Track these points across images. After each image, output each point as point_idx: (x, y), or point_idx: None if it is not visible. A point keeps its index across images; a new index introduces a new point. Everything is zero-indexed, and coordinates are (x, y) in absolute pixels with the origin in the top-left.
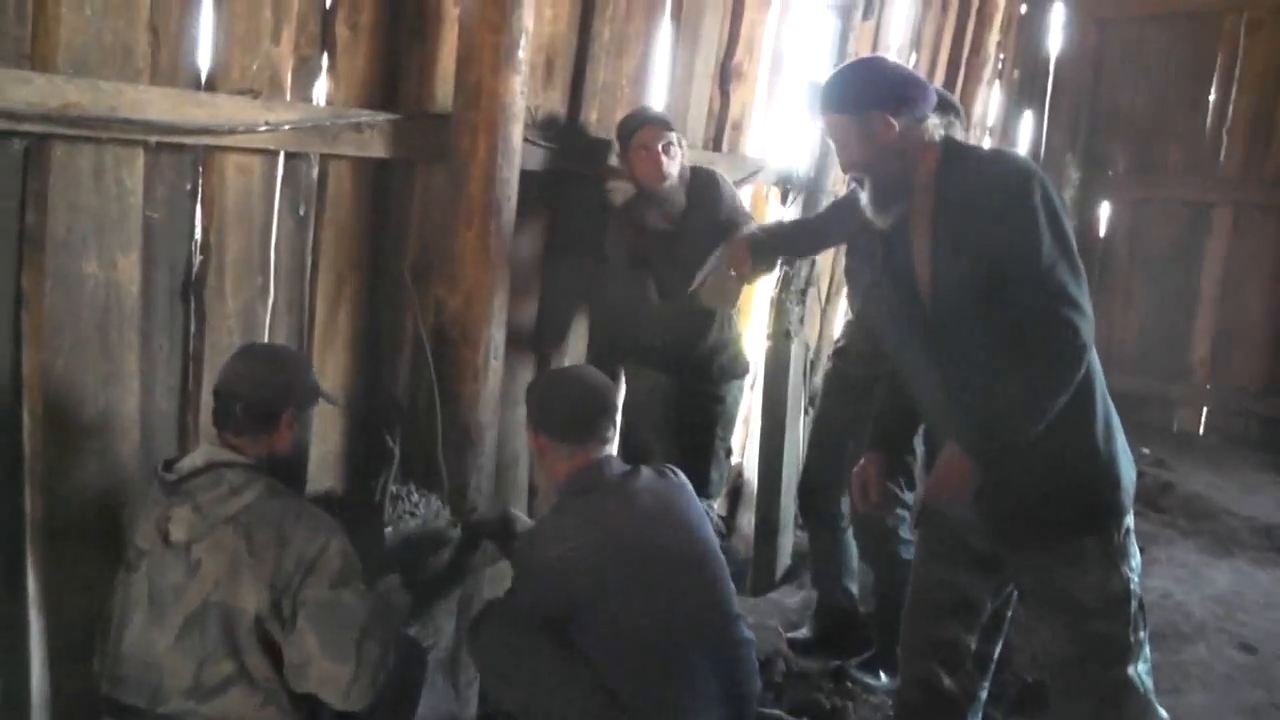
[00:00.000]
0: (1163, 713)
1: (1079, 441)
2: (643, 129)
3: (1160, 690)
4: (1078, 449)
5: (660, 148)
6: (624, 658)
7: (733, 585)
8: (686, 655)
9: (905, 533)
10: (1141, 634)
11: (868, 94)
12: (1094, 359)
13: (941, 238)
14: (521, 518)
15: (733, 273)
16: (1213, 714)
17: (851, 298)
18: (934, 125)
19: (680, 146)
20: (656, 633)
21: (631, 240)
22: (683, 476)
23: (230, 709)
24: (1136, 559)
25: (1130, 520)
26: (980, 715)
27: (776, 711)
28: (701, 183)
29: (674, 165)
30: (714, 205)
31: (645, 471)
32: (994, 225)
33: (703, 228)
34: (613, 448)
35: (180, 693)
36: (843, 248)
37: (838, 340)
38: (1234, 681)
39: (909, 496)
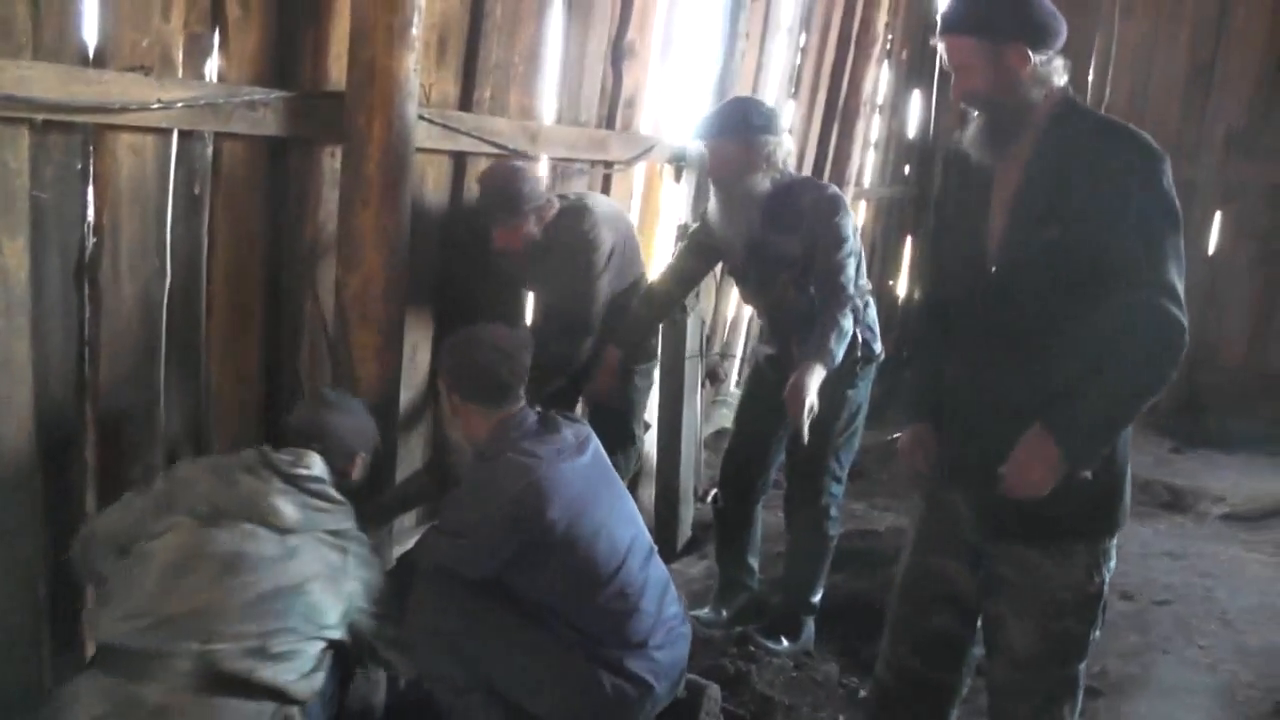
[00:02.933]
0: (1079, 704)
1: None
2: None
3: None
4: (1106, 459)
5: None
6: (587, 585)
7: None
8: (635, 569)
9: (835, 510)
10: (1097, 630)
11: (1011, 19)
12: None
13: (1033, 193)
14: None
15: None
16: (1096, 659)
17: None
18: (1060, 67)
19: (530, 223)
20: (609, 554)
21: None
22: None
23: (280, 677)
24: (1113, 561)
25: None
26: (957, 711)
27: (690, 675)
28: (565, 235)
29: (515, 244)
30: (571, 256)
31: (554, 416)
32: (1111, 202)
33: (559, 270)
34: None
35: (238, 651)
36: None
37: (764, 344)
38: (1115, 627)
39: (845, 475)
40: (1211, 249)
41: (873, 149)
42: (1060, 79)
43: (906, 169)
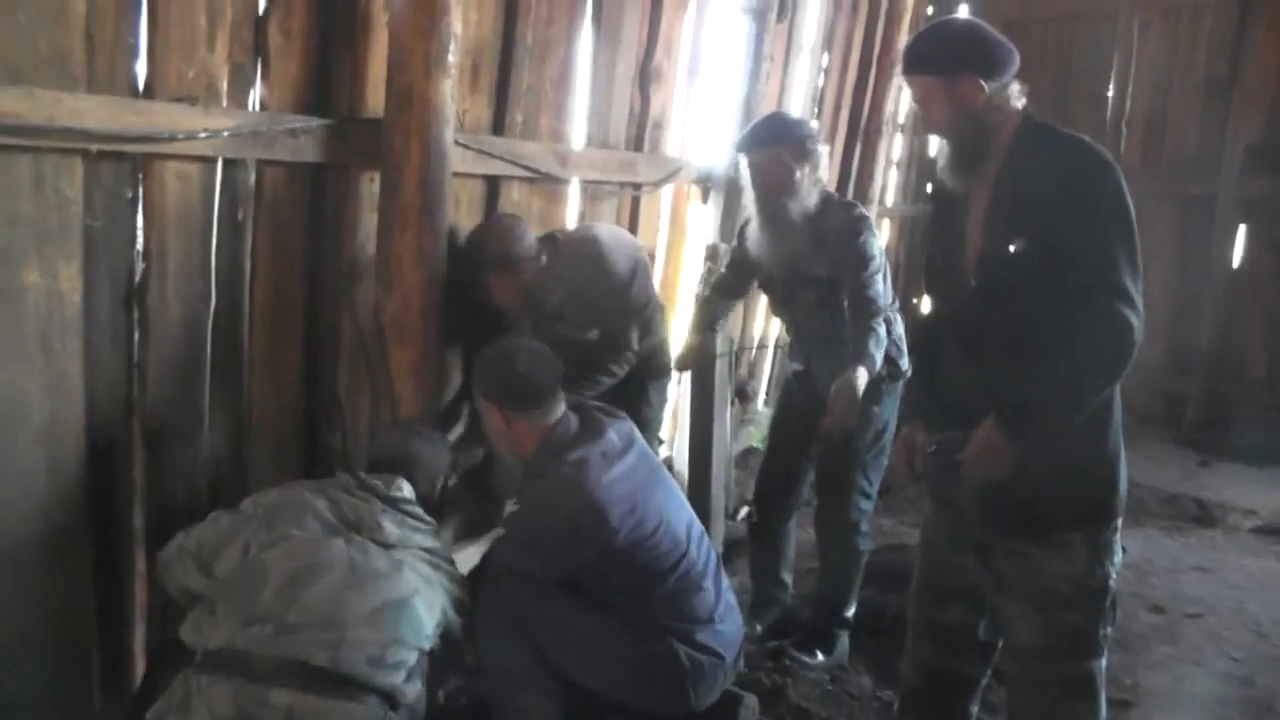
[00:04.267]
0: (1103, 709)
1: (1095, 441)
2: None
3: None
4: (1092, 447)
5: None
6: (655, 575)
7: None
8: (695, 553)
9: (865, 526)
10: (1109, 630)
11: (959, 55)
12: None
13: (1000, 209)
14: None
15: None
16: (1127, 671)
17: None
18: (1016, 92)
19: (525, 277)
20: (671, 545)
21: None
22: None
23: (395, 684)
24: (1118, 557)
25: (1119, 521)
26: (980, 701)
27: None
28: (579, 270)
29: (511, 299)
30: (590, 284)
31: (596, 415)
32: (1062, 210)
33: (581, 302)
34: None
35: (363, 659)
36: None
37: (792, 360)
38: (1146, 640)
39: (874, 491)
40: (1237, 262)
41: (895, 168)
42: (1019, 102)
43: (929, 187)
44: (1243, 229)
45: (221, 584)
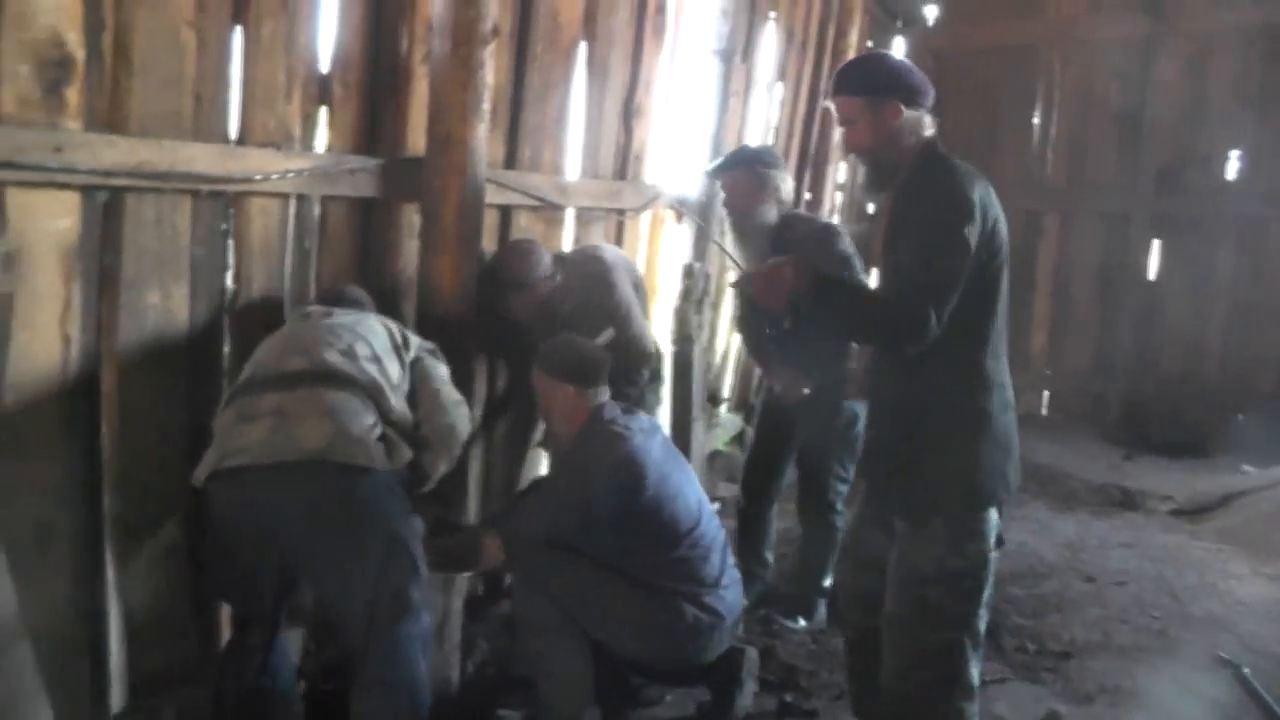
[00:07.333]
0: (974, 677)
1: (965, 443)
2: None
3: (1023, 615)
4: (959, 448)
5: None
6: (670, 540)
7: None
8: (705, 525)
9: (840, 505)
10: (975, 607)
11: (885, 80)
12: (997, 376)
13: (891, 223)
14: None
15: None
16: (1065, 629)
17: None
18: (928, 122)
19: (541, 291)
20: (686, 514)
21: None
22: None
23: (371, 377)
24: (988, 544)
25: (991, 514)
26: None
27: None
28: (585, 287)
29: (530, 313)
30: (597, 305)
31: (627, 405)
32: (913, 224)
33: (587, 320)
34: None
35: (334, 353)
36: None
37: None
38: (1079, 604)
39: (849, 475)
40: (1152, 275)
41: (839, 191)
42: (928, 130)
43: (870, 208)
44: (1157, 245)
45: None
